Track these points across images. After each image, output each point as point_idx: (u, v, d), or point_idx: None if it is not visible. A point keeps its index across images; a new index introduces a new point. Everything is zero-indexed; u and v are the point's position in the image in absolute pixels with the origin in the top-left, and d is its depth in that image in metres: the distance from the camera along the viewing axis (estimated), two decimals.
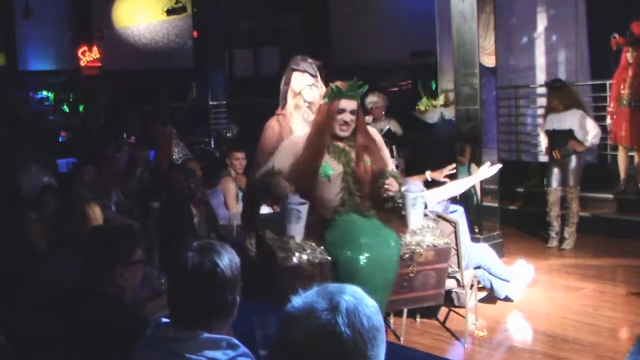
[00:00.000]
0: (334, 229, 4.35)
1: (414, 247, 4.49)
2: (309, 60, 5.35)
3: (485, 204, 8.13)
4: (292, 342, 1.63)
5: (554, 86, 8.72)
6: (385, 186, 4.55)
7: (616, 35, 9.24)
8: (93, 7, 18.42)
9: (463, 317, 5.81)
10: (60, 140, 14.58)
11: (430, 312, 6.10)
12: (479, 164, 7.51)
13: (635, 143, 9.27)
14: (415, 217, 4.64)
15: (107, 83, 18.06)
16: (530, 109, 11.61)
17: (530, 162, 11.19)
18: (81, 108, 18.80)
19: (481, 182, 7.70)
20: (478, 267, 6.16)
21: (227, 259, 2.47)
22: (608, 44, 9.40)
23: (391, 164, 4.95)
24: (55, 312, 3.17)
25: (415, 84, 13.63)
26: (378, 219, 4.49)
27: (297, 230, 4.31)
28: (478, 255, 6.17)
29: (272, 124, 5.19)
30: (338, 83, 4.59)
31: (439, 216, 5.55)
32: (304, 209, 4.29)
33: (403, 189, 4.62)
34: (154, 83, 18.45)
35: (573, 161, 8.33)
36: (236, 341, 2.37)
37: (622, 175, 9.61)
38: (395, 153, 9.56)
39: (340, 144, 4.59)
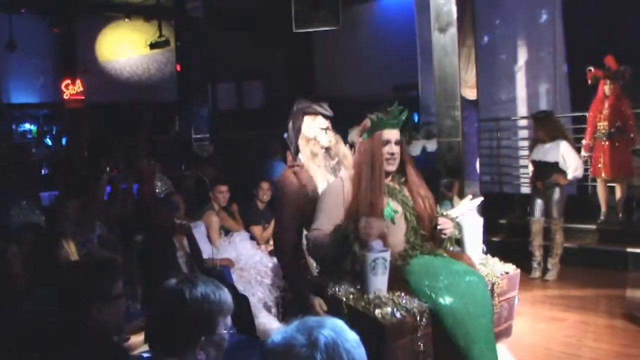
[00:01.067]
0: (415, 275, 3.87)
1: (492, 279, 4.13)
2: (319, 102, 4.82)
3: None
4: None
5: (538, 117, 8.80)
6: (439, 227, 4.11)
7: (591, 68, 9.34)
8: (77, 40, 18.42)
9: None
10: (43, 173, 14.51)
11: None
12: (462, 196, 7.54)
13: (615, 175, 9.36)
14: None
15: (91, 116, 18.04)
16: (511, 141, 11.70)
17: (513, 193, 11.25)
18: (64, 141, 18.75)
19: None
20: None
21: (202, 291, 2.43)
22: (586, 76, 9.50)
23: None
24: (36, 348, 3.15)
25: None
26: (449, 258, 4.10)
27: (383, 282, 3.79)
28: None
29: (289, 177, 4.47)
30: (377, 113, 4.23)
31: None
32: (389, 256, 3.80)
33: (458, 220, 4.26)
34: (137, 116, 18.45)
35: (556, 193, 8.38)
36: None
37: (603, 206, 9.67)
38: None
39: (390, 182, 4.21)
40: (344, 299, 3.78)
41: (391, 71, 14.86)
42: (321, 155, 4.54)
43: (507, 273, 4.26)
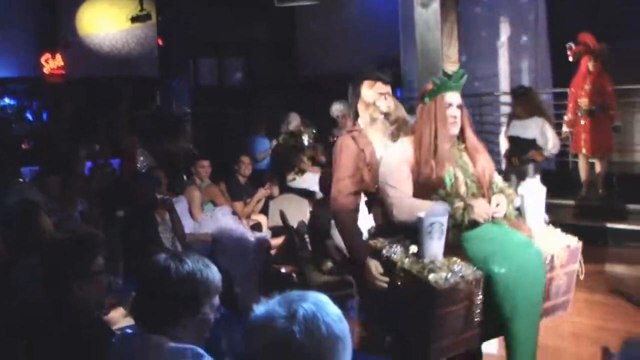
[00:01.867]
0: (471, 242, 3.79)
1: (551, 250, 4.01)
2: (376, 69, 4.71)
3: None
4: (252, 350, 1.64)
5: (518, 93, 8.81)
6: (493, 212, 3.92)
7: (572, 45, 9.36)
8: (57, 14, 18.23)
9: None
10: (23, 148, 14.41)
11: None
12: None
13: (595, 151, 9.42)
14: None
15: (72, 91, 17.88)
16: (494, 117, 11.72)
17: (495, 169, 11.28)
18: (45, 116, 18.60)
19: None
20: None
21: (189, 269, 2.42)
22: (567, 53, 9.52)
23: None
24: (21, 325, 3.15)
25: None
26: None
27: (439, 247, 3.70)
28: None
29: (348, 143, 4.35)
30: (439, 76, 4.12)
31: None
32: (446, 221, 3.69)
33: (520, 190, 4.16)
34: (117, 91, 18.31)
35: (531, 169, 8.40)
36: (201, 350, 2.35)
37: (584, 182, 9.73)
38: None
39: (450, 148, 4.04)
40: (399, 263, 3.72)
41: (374, 46, 14.78)
42: (380, 120, 4.41)
43: (568, 246, 4.17)
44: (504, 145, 8.89)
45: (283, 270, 6.95)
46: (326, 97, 9.89)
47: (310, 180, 8.83)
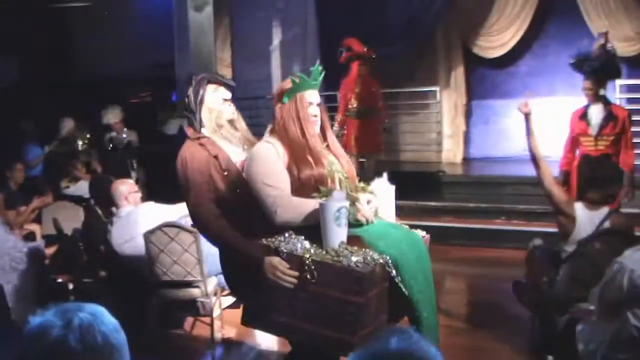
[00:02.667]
0: (364, 232, 3.63)
1: None
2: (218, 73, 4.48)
3: None
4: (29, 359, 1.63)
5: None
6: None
7: (343, 49, 9.79)
8: None
9: (209, 325, 5.86)
10: None
11: (177, 323, 6.14)
12: None
13: (363, 150, 9.96)
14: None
15: None
16: (267, 119, 11.95)
17: None
18: None
19: None
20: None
21: None
22: (336, 57, 9.92)
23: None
24: None
25: (156, 95, 13.61)
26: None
27: (344, 234, 3.53)
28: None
29: (196, 150, 4.04)
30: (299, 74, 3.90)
31: (179, 227, 5.61)
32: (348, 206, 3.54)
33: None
34: None
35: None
36: None
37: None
38: (135, 166, 9.50)
39: None
40: (306, 255, 3.49)
41: (149, 49, 14.64)
42: (227, 126, 4.15)
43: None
44: None
45: (60, 280, 6.76)
46: (101, 101, 9.72)
47: (84, 187, 8.62)
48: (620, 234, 4.76)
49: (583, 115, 7.11)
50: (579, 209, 4.98)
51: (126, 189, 6.19)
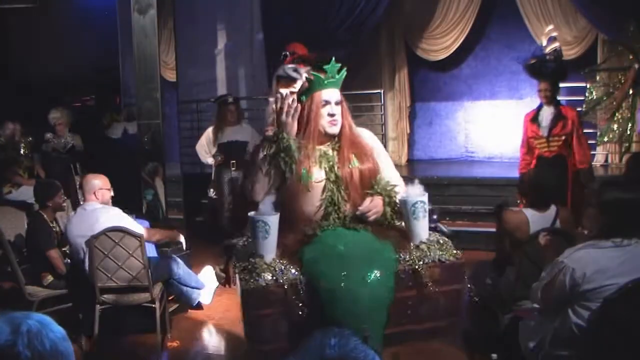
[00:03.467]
0: (313, 245, 3.58)
1: (414, 264, 3.59)
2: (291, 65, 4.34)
3: (171, 216, 8.24)
4: None
5: (227, 102, 9.00)
6: (360, 210, 3.72)
7: (287, 53, 9.78)
8: None
9: (154, 331, 5.81)
10: None
11: (123, 329, 6.09)
12: (163, 177, 7.67)
13: None
14: (418, 229, 3.71)
15: None
16: (211, 122, 11.91)
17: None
18: None
19: (166, 195, 7.83)
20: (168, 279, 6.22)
21: None
22: (281, 60, 9.92)
23: (389, 167, 4.01)
24: None
25: (99, 99, 13.48)
26: (371, 232, 3.71)
27: (266, 247, 3.54)
28: (167, 267, 6.22)
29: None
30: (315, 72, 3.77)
31: (124, 231, 5.58)
32: (273, 221, 3.52)
33: (400, 196, 3.75)
34: None
35: None
36: None
37: None
38: (78, 170, 9.38)
39: (323, 147, 3.79)
40: (236, 259, 3.66)
41: (94, 53, 14.51)
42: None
43: (442, 262, 3.65)
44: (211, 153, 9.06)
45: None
46: (43, 104, 9.59)
47: (27, 192, 8.52)
48: (562, 233, 4.89)
49: (534, 118, 7.23)
50: (530, 215, 5.15)
51: (98, 183, 6.07)
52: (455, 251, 3.71)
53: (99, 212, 5.89)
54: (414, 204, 3.62)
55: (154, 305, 5.79)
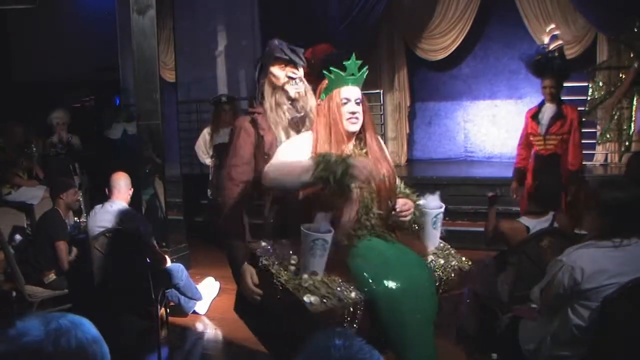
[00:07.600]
0: (358, 259, 3.42)
1: (441, 273, 3.64)
2: (292, 46, 4.04)
3: (170, 217, 8.24)
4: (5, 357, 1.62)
5: (221, 102, 9.00)
6: (397, 210, 3.63)
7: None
8: None
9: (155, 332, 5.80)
10: None
11: (123, 329, 6.09)
12: (162, 178, 7.67)
13: None
14: (434, 238, 3.80)
15: None
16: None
17: None
18: None
19: (166, 195, 7.83)
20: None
21: None
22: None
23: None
24: None
25: (99, 99, 13.47)
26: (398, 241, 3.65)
27: (320, 264, 3.35)
28: (170, 275, 6.24)
29: (246, 125, 3.89)
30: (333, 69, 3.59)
31: (124, 232, 5.58)
32: (331, 238, 3.33)
33: (421, 202, 3.76)
34: None
35: None
36: None
37: None
38: (78, 170, 9.36)
39: (348, 150, 3.59)
40: (276, 275, 3.37)
41: (93, 53, 14.48)
42: (286, 106, 3.91)
43: (459, 269, 3.74)
44: (209, 153, 9.05)
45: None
46: (43, 105, 9.58)
47: (26, 193, 8.52)
48: (562, 233, 4.90)
49: (535, 115, 7.22)
50: (527, 223, 5.18)
51: (126, 184, 6.24)
52: (464, 258, 3.80)
53: (123, 212, 6.04)
54: (436, 215, 3.74)
55: (153, 307, 5.76)
